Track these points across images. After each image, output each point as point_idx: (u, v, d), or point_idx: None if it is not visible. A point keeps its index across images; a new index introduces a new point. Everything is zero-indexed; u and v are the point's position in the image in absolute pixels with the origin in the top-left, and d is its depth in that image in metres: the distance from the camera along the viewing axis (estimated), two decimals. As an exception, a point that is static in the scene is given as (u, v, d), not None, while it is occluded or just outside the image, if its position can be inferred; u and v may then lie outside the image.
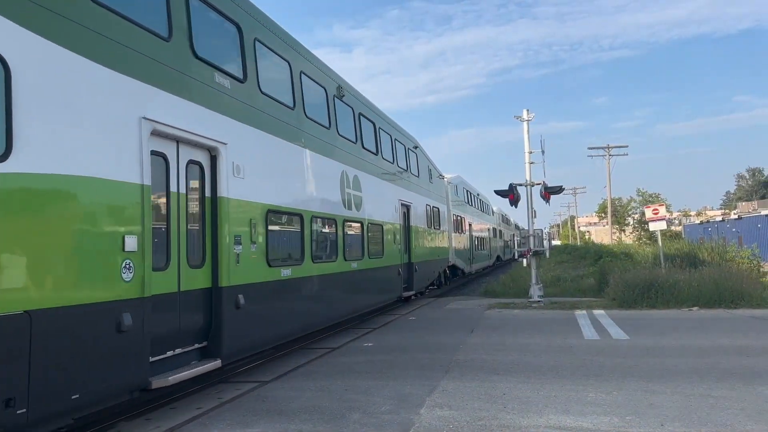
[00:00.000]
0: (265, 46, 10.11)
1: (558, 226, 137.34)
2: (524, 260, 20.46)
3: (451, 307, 19.21)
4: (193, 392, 8.51)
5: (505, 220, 58.38)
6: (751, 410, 6.77)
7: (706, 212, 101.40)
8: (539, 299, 18.97)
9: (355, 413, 7.03)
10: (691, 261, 22.17)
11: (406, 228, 18.73)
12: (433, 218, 22.91)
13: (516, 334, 12.94)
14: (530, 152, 20.38)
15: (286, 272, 9.97)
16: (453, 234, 26.77)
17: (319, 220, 11.69)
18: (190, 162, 7.68)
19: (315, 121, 11.80)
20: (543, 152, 20.64)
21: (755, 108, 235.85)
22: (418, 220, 20.14)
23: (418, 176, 21.00)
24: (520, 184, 20.25)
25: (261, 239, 9.14)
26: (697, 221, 72.70)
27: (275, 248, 9.75)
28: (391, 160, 17.70)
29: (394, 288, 17.30)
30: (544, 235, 20.41)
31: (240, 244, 8.44)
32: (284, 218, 10.42)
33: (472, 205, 35.20)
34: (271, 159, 9.86)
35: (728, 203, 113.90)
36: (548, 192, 20.08)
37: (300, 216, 10.75)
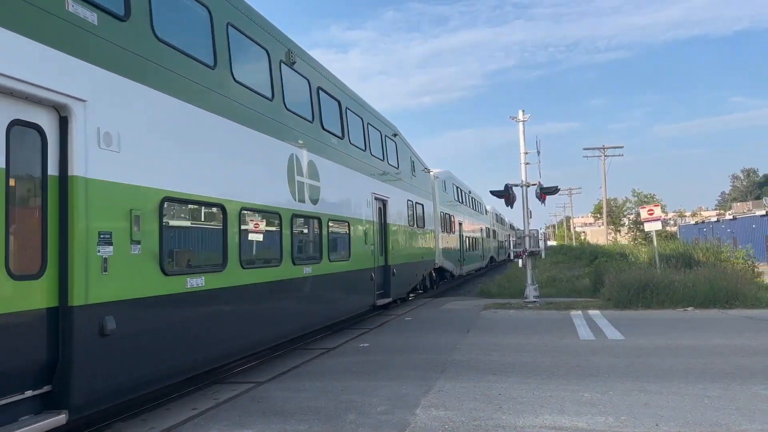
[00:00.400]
0: None
1: (553, 226, 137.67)
2: (520, 261, 20.49)
3: (446, 307, 19.23)
4: (189, 393, 8.50)
5: (500, 219, 56.91)
6: (746, 410, 6.80)
7: (701, 213, 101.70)
8: (535, 300, 19.00)
9: (351, 413, 7.04)
10: (686, 261, 22.24)
11: (383, 226, 16.58)
12: (417, 216, 20.84)
13: (512, 334, 12.96)
14: (526, 153, 20.41)
15: (195, 282, 7.58)
16: (440, 234, 25.16)
17: (252, 213, 9.36)
18: (19, 124, 5.44)
19: (250, 89, 9.45)
20: (539, 153, 20.71)
21: (750, 109, 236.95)
22: (397, 218, 18.16)
23: (397, 168, 18.85)
24: (516, 185, 20.28)
25: (151, 238, 6.78)
26: (692, 222, 72.95)
27: (177, 250, 7.59)
28: (363, 147, 15.35)
29: (363, 296, 14.86)
30: (539, 236, 20.44)
31: (110, 244, 6.11)
32: (195, 210, 8.17)
33: (462, 202, 33.45)
34: (173, 130, 7.45)
35: (723, 204, 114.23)
36: (544, 192, 20.12)
37: (221, 208, 8.33)
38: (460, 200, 32.74)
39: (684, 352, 10.37)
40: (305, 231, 11.66)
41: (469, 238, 34.40)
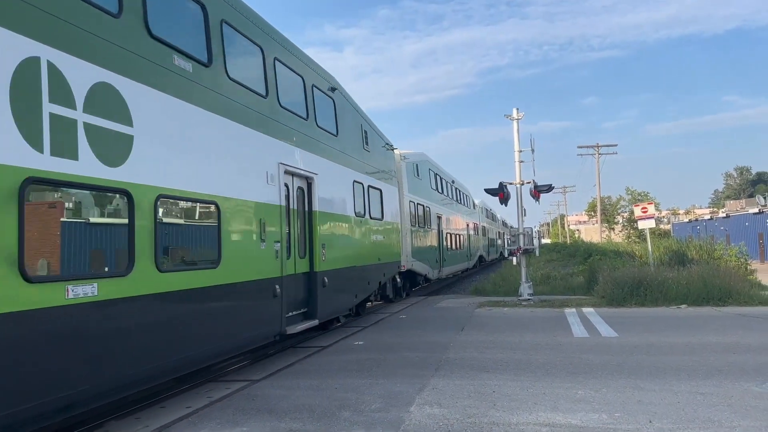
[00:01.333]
0: None
1: (548, 224, 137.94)
2: (514, 258, 20.51)
3: (441, 305, 19.25)
4: (183, 391, 8.48)
5: (490, 215, 52.57)
6: (739, 406, 6.83)
7: (695, 210, 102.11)
8: (529, 297, 19.04)
9: (345, 411, 7.04)
10: (680, 259, 22.32)
11: (306, 215, 11.85)
12: (370, 203, 15.84)
13: (506, 332, 12.98)
14: (520, 151, 20.44)
15: None
16: (410, 229, 21.01)
17: None
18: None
19: None
20: (533, 151, 20.71)
21: (743, 108, 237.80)
22: (334, 204, 13.23)
23: (335, 135, 13.81)
24: (510, 183, 20.31)
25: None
26: (686, 219, 73.21)
27: None
28: (261, 91, 10.17)
29: (255, 323, 9.62)
30: (534, 234, 20.48)
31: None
32: None
33: (443, 193, 28.97)
34: None
35: (716, 202, 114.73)
36: (538, 190, 20.16)
37: None
38: (440, 190, 28.32)
39: (677, 350, 10.40)
40: (76, 218, 6.54)
41: (451, 234, 29.95)
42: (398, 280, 20.07)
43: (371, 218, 15.88)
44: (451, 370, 9.15)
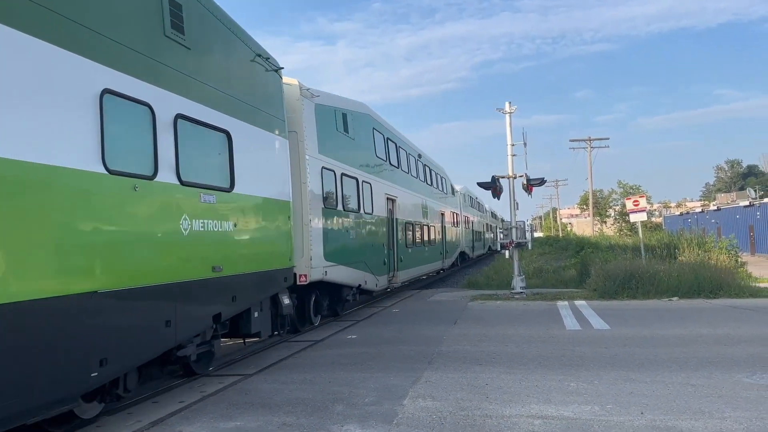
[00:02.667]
0: None
1: (540, 218, 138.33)
2: (506, 252, 20.56)
3: (434, 299, 19.29)
4: (176, 386, 8.47)
5: (476, 205, 45.51)
6: (729, 397, 6.88)
7: (686, 204, 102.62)
8: (522, 290, 19.11)
9: (338, 405, 7.04)
10: (671, 252, 22.42)
11: None
12: (190, 156, 7.87)
13: (499, 325, 13.02)
14: (513, 145, 20.48)
15: None
16: (323, 212, 13.18)
17: None
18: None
19: None
20: (525, 145, 20.77)
21: (734, 101, 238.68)
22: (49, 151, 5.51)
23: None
24: (503, 177, 20.34)
25: None
26: (677, 213, 73.55)
27: None
28: None
29: None
30: (526, 227, 20.53)
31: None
32: None
33: (399, 167, 20.89)
34: None
35: (707, 195, 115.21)
36: (530, 184, 20.23)
37: None
38: (395, 162, 20.46)
39: (669, 342, 10.46)
40: None
41: (413, 225, 22.32)
42: (285, 301, 10.89)
43: (202, 189, 8.06)
44: (445, 363, 9.17)
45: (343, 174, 14.63)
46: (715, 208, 55.46)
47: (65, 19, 5.84)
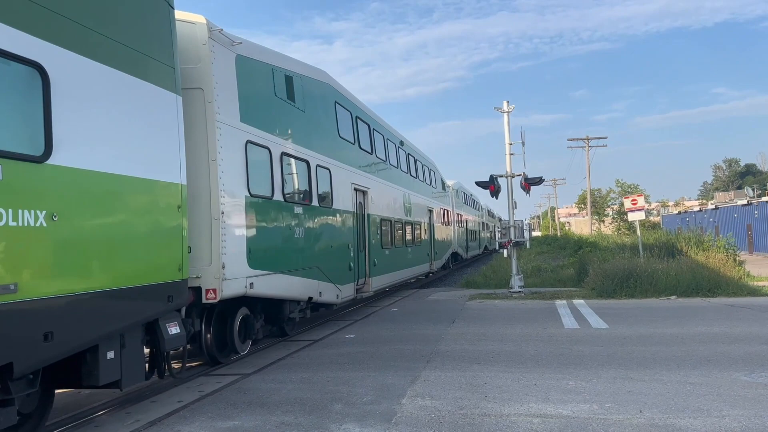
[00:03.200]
0: None
1: (538, 217, 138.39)
2: (505, 251, 20.56)
3: (432, 298, 19.29)
4: (173, 385, 8.45)
5: (471, 202, 42.66)
6: (727, 396, 6.88)
7: (684, 203, 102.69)
8: (520, 289, 19.11)
9: (337, 404, 7.03)
10: (669, 251, 22.44)
11: None
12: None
13: (497, 324, 13.02)
14: (511, 144, 20.48)
15: None
16: (247, 199, 9.68)
17: None
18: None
19: None
20: (523, 144, 20.77)
21: (732, 100, 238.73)
22: None
23: None
24: (501, 176, 20.35)
25: None
26: (675, 212, 73.63)
27: None
28: None
29: None
30: (524, 226, 20.54)
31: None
32: None
33: (373, 153, 17.63)
34: None
35: (705, 193, 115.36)
36: (528, 183, 20.24)
37: None
38: (368, 147, 17.22)
39: (667, 340, 10.47)
40: None
41: (392, 222, 19.28)
42: (170, 331, 7.38)
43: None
44: (443, 362, 9.17)
45: (284, 154, 11.11)
46: (713, 207, 55.55)
47: None
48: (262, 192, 10.16)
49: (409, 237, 21.61)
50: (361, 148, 16.36)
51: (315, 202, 12.47)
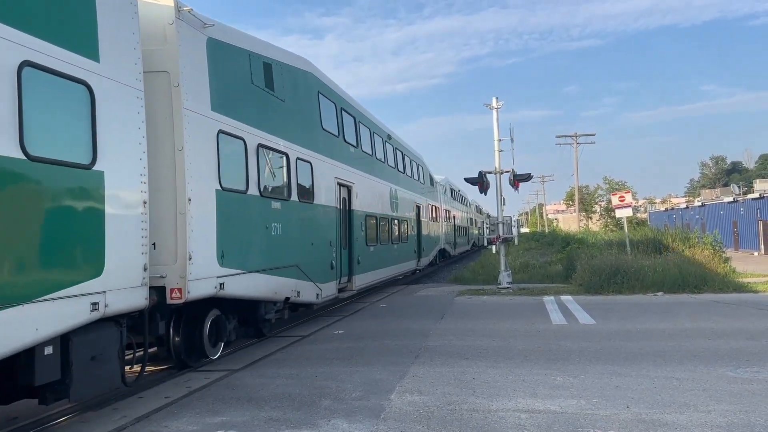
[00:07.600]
0: None
1: (527, 213, 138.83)
2: (493, 247, 20.63)
3: (421, 293, 19.31)
4: (161, 381, 8.41)
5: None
6: (713, 390, 6.94)
7: (671, 200, 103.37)
8: (508, 285, 19.19)
9: (325, 400, 7.02)
10: (656, 247, 22.58)
11: None
12: None
13: (485, 319, 13.05)
14: (500, 140, 20.53)
15: None
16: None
17: None
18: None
19: None
20: (512, 140, 20.82)
21: (719, 97, 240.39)
22: None
23: None
24: (490, 172, 20.40)
25: None
26: (662, 208, 74.14)
27: None
28: None
29: None
30: (513, 223, 20.60)
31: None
32: None
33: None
34: None
35: (692, 191, 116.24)
36: (517, 179, 20.30)
37: None
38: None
39: (654, 336, 10.54)
40: None
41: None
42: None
43: None
44: (431, 357, 9.18)
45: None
46: (700, 204, 56.00)
47: None
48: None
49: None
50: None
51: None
